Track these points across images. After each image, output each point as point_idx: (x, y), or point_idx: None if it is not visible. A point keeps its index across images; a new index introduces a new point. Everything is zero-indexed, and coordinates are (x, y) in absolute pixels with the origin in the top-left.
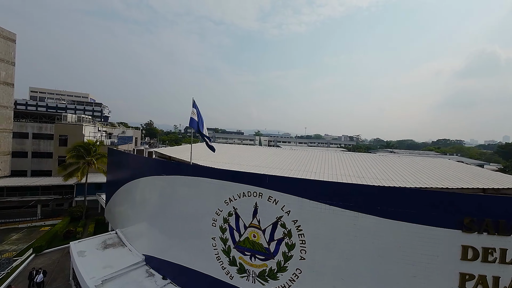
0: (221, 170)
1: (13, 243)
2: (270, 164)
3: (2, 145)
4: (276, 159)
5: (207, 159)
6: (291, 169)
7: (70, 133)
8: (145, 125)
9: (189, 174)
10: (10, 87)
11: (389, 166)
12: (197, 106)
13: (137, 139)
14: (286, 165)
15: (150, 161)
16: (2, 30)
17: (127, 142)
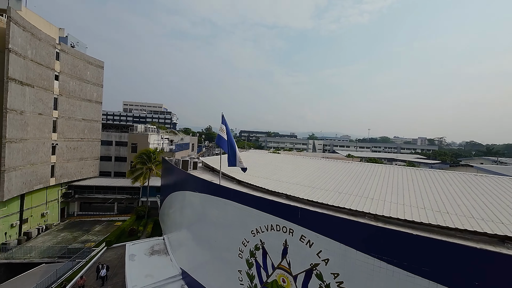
0: (243, 193)
1: (95, 234)
2: (315, 182)
3: (94, 151)
4: (324, 175)
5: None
6: (340, 192)
7: (138, 141)
8: (205, 130)
9: (216, 194)
10: (99, 104)
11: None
12: (226, 121)
13: (193, 145)
14: (335, 184)
15: (183, 175)
16: (94, 60)
17: (183, 148)
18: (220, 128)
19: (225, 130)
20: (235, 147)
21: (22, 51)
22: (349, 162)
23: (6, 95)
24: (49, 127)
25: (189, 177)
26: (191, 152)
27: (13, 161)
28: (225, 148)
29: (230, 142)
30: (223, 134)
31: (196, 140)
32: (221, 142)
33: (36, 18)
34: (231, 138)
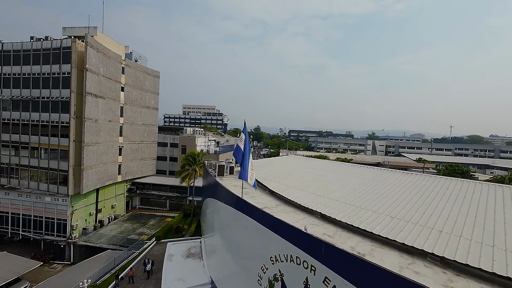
0: (263, 212)
1: (149, 227)
2: (361, 200)
3: (151, 152)
4: (375, 190)
5: (281, 180)
6: (393, 216)
7: (187, 143)
8: (253, 130)
9: (238, 208)
10: (156, 110)
11: None
12: (247, 130)
13: None
14: (388, 205)
15: (212, 181)
16: (152, 70)
17: (228, 150)
18: (240, 138)
19: (244, 139)
20: (249, 159)
21: (96, 69)
22: (413, 174)
23: (84, 106)
24: (117, 132)
25: (217, 184)
26: None
27: (89, 161)
28: (239, 159)
29: (245, 154)
30: (241, 144)
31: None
32: (237, 153)
33: (108, 40)
34: (247, 149)
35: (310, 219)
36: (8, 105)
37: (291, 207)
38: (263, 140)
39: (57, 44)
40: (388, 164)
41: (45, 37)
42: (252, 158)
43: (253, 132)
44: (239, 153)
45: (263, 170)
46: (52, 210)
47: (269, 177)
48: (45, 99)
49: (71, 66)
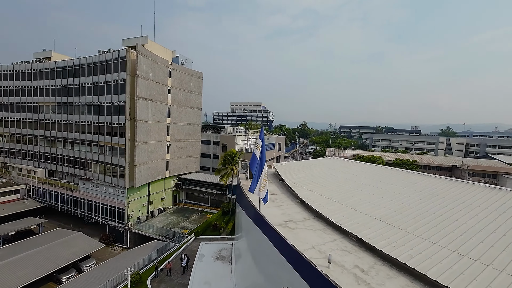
0: (276, 235)
1: (191, 222)
2: (415, 224)
3: (196, 150)
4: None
5: (316, 188)
6: (462, 253)
7: (227, 142)
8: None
9: (255, 221)
10: (199, 110)
11: None
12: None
13: (280, 145)
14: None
15: (238, 184)
16: (195, 72)
17: (268, 149)
18: (256, 145)
19: (260, 146)
20: (262, 169)
21: (146, 75)
22: (504, 190)
23: (136, 109)
24: (165, 131)
25: (240, 188)
26: (277, 152)
27: (141, 158)
28: (253, 169)
29: (262, 163)
30: (258, 152)
31: (283, 140)
32: (253, 162)
33: (157, 47)
34: (263, 157)
35: (342, 243)
36: (84, 110)
37: (321, 223)
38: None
39: (116, 55)
40: (467, 168)
41: (108, 50)
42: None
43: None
44: (254, 162)
45: (299, 174)
46: (114, 200)
47: (303, 183)
48: (107, 104)
49: (126, 73)
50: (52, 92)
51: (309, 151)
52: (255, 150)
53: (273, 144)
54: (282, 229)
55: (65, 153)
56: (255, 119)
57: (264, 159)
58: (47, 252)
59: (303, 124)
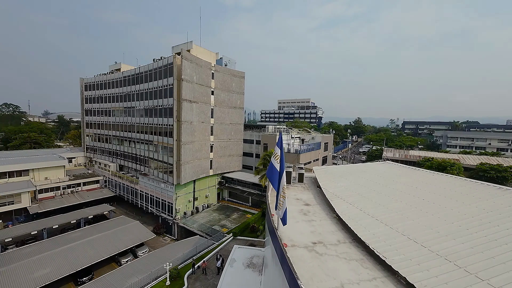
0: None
1: (231, 221)
2: (505, 269)
3: (238, 149)
4: None
5: (359, 202)
6: None
7: (268, 141)
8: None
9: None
10: (241, 110)
11: None
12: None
13: (327, 145)
14: None
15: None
16: (237, 72)
17: (312, 149)
18: (275, 155)
19: (279, 156)
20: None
21: (190, 78)
22: None
23: (181, 111)
24: (208, 131)
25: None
26: (323, 152)
27: (186, 157)
28: (275, 184)
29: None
30: (276, 162)
31: (331, 138)
32: (272, 174)
33: (202, 50)
34: (282, 168)
35: (384, 285)
36: (142, 113)
37: (359, 251)
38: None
39: (165, 62)
40: None
41: (160, 57)
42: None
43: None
44: (273, 175)
45: (340, 181)
46: (165, 194)
47: (344, 194)
48: (159, 107)
49: (173, 78)
50: (120, 98)
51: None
52: (274, 160)
53: (318, 144)
54: (307, 253)
55: (130, 151)
56: (303, 116)
57: (283, 170)
58: (112, 237)
59: (357, 120)
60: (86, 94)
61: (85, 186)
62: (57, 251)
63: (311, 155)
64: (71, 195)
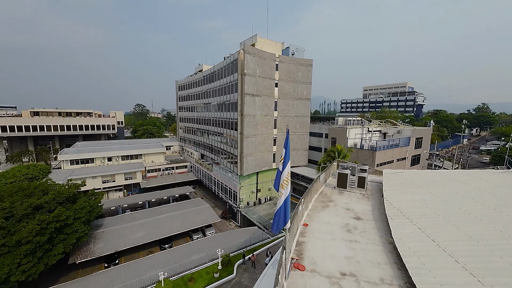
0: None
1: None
2: None
3: (303, 143)
4: None
5: (433, 226)
6: None
7: (337, 136)
8: (473, 110)
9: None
10: (308, 101)
11: None
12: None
13: (421, 140)
14: None
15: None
16: (304, 60)
17: (397, 145)
18: (281, 157)
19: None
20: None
21: (253, 72)
22: None
23: (243, 105)
24: (272, 124)
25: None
26: (413, 149)
27: (248, 150)
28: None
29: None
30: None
31: (427, 132)
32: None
33: (267, 42)
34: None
35: None
36: (216, 108)
37: None
38: (493, 127)
39: (232, 59)
40: None
41: (229, 55)
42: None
43: (472, 114)
44: (276, 176)
45: (417, 193)
46: (231, 183)
47: (414, 212)
48: (227, 102)
49: (238, 73)
50: (201, 95)
51: (488, 148)
52: (280, 163)
53: (407, 139)
54: (327, 287)
55: (207, 142)
56: (394, 105)
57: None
58: (188, 215)
59: (480, 107)
60: (179, 94)
61: (177, 169)
62: (149, 220)
63: (394, 153)
64: (167, 176)
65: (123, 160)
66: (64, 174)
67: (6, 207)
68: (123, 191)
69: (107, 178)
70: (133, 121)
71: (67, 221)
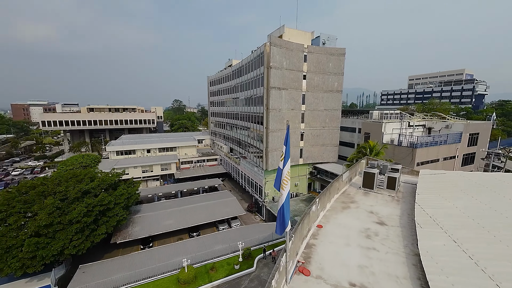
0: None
1: None
2: None
3: (333, 138)
4: None
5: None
6: None
7: (371, 130)
8: None
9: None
10: (339, 93)
11: None
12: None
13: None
14: None
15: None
16: (335, 50)
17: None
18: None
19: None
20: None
21: (279, 65)
22: None
23: (269, 99)
24: (299, 118)
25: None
26: (466, 147)
27: (273, 145)
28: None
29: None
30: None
31: (487, 128)
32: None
33: (295, 32)
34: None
35: None
36: (243, 102)
37: None
38: None
39: (259, 52)
40: None
41: (257, 48)
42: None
43: None
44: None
45: (458, 199)
46: (257, 177)
47: (449, 221)
48: (254, 96)
49: (264, 67)
50: (230, 90)
51: None
52: (281, 162)
53: (458, 135)
54: None
55: (236, 136)
56: (448, 95)
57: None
58: (215, 206)
59: None
60: (210, 89)
61: (208, 162)
62: (180, 209)
63: (439, 151)
64: (198, 168)
65: (160, 152)
66: (110, 164)
67: (62, 191)
68: (159, 180)
69: (146, 168)
70: (171, 115)
71: (109, 206)
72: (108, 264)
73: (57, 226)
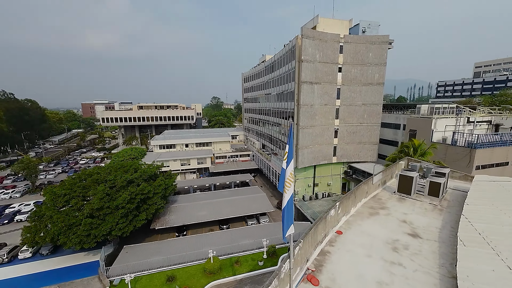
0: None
1: None
2: None
3: (372, 135)
4: None
5: None
6: None
7: (418, 127)
8: None
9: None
10: (380, 86)
11: None
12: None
13: None
14: None
15: None
16: (377, 38)
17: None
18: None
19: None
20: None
21: (312, 58)
22: None
23: (300, 94)
24: (333, 114)
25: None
26: None
27: (304, 142)
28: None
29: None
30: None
31: None
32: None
33: (331, 22)
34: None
35: None
36: (275, 98)
37: None
38: None
39: (290, 46)
40: None
41: (289, 41)
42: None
43: None
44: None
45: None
46: None
47: (506, 242)
48: (285, 92)
49: (295, 60)
50: (262, 86)
51: None
52: (283, 162)
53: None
54: None
55: (267, 132)
56: None
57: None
58: (245, 201)
59: None
60: (244, 86)
61: (241, 157)
62: (212, 201)
63: (509, 153)
64: (231, 163)
65: (197, 147)
66: (154, 156)
67: (112, 179)
68: (196, 173)
69: (184, 161)
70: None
71: (149, 195)
72: (147, 247)
73: (107, 210)
